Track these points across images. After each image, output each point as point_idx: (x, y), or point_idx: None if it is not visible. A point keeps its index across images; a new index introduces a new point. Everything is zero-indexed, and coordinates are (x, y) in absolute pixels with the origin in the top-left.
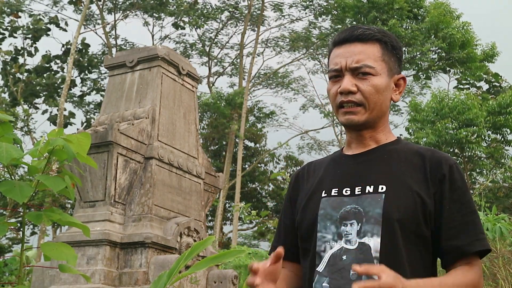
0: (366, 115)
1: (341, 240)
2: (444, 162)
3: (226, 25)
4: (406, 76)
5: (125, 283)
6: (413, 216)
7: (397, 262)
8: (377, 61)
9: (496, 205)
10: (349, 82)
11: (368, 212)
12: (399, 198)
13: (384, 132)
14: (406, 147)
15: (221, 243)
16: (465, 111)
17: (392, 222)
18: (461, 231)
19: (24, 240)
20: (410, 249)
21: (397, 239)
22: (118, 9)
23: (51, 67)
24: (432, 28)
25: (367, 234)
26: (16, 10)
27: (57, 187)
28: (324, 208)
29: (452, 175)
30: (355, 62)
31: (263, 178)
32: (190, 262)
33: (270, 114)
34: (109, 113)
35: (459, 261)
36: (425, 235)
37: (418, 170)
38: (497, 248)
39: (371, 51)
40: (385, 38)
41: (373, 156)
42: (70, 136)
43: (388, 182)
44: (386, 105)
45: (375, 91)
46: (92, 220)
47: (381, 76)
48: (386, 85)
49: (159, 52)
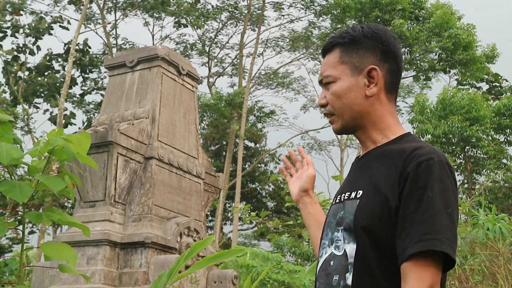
0: (340, 121)
1: (332, 246)
2: (415, 159)
3: (226, 25)
4: (406, 77)
5: (125, 283)
6: (382, 222)
7: (369, 268)
8: (335, 67)
9: (496, 205)
10: (321, 96)
11: (345, 218)
12: (369, 204)
13: (378, 131)
14: (400, 145)
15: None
16: (472, 110)
17: (360, 229)
18: (409, 232)
19: (24, 240)
20: (382, 255)
21: (366, 246)
22: (119, 8)
23: (53, 65)
24: (437, 28)
25: (345, 240)
26: (18, 9)
27: (57, 187)
28: (329, 216)
29: (417, 173)
30: (320, 76)
31: (263, 178)
32: (190, 262)
33: (270, 114)
34: (109, 113)
35: (404, 264)
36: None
37: (394, 170)
38: (497, 248)
39: (331, 60)
40: (343, 40)
41: (365, 160)
42: (70, 136)
43: (365, 187)
44: (358, 104)
45: (335, 98)
46: (92, 220)
47: (342, 80)
48: (348, 87)
49: (159, 52)
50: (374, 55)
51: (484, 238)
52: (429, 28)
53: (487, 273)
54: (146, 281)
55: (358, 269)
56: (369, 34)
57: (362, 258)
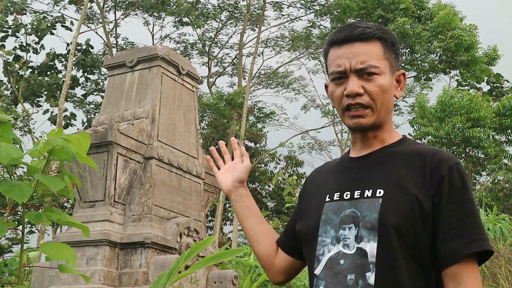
0: (374, 116)
1: (339, 244)
2: (444, 163)
3: (226, 24)
4: (407, 77)
5: (125, 283)
6: (411, 222)
7: (393, 267)
8: (380, 60)
9: (496, 206)
10: (356, 84)
11: (365, 217)
12: (396, 203)
13: (388, 131)
14: (408, 147)
15: (221, 243)
16: (473, 111)
17: (388, 228)
18: (458, 233)
19: (23, 240)
20: (407, 255)
21: (393, 245)
22: (119, 7)
23: (55, 65)
24: (439, 27)
25: (363, 239)
26: (19, 9)
27: (56, 187)
28: (326, 213)
29: (452, 176)
30: (360, 63)
31: (263, 178)
32: (189, 262)
33: (270, 114)
34: (109, 113)
35: (455, 265)
36: (424, 241)
37: (418, 172)
38: (497, 248)
39: (374, 50)
40: (385, 35)
41: (374, 158)
42: (70, 136)
43: (386, 186)
44: (391, 104)
45: (381, 92)
46: (91, 220)
47: (385, 75)
48: (390, 84)
49: (159, 52)
50: (399, 61)
51: None
52: (432, 28)
53: (487, 273)
54: (146, 281)
55: (381, 268)
56: (396, 40)
57: (387, 257)
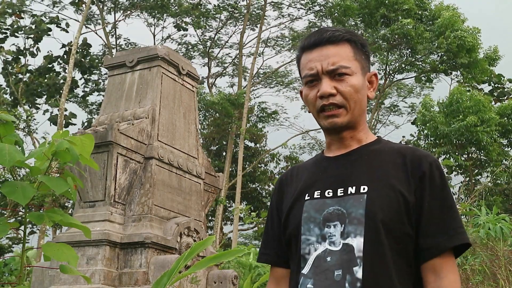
0: (348, 116)
1: (325, 242)
2: (424, 159)
3: (226, 24)
4: (406, 78)
5: (125, 283)
6: (397, 216)
7: (380, 261)
8: (351, 61)
9: (496, 206)
10: (328, 85)
11: (351, 213)
12: (382, 198)
13: (364, 131)
14: (387, 146)
15: (221, 244)
16: (479, 112)
17: (376, 222)
18: (439, 228)
19: (25, 241)
20: (393, 248)
21: (380, 239)
22: (119, 8)
23: (54, 67)
24: (442, 28)
25: (350, 235)
26: (18, 11)
27: (59, 188)
28: (308, 211)
29: (432, 172)
30: (331, 64)
31: (263, 178)
32: (190, 262)
33: (272, 114)
34: (109, 113)
35: (436, 258)
36: (410, 234)
37: (399, 168)
38: (498, 248)
39: (344, 52)
40: (354, 38)
41: (354, 157)
42: (74, 138)
43: (370, 183)
44: (365, 104)
45: (354, 91)
46: (92, 220)
47: (357, 75)
48: (362, 84)
49: (159, 52)
50: (369, 62)
51: (485, 238)
52: (435, 28)
53: (488, 273)
54: (146, 281)
55: (369, 262)
56: (366, 43)
57: (374, 251)
